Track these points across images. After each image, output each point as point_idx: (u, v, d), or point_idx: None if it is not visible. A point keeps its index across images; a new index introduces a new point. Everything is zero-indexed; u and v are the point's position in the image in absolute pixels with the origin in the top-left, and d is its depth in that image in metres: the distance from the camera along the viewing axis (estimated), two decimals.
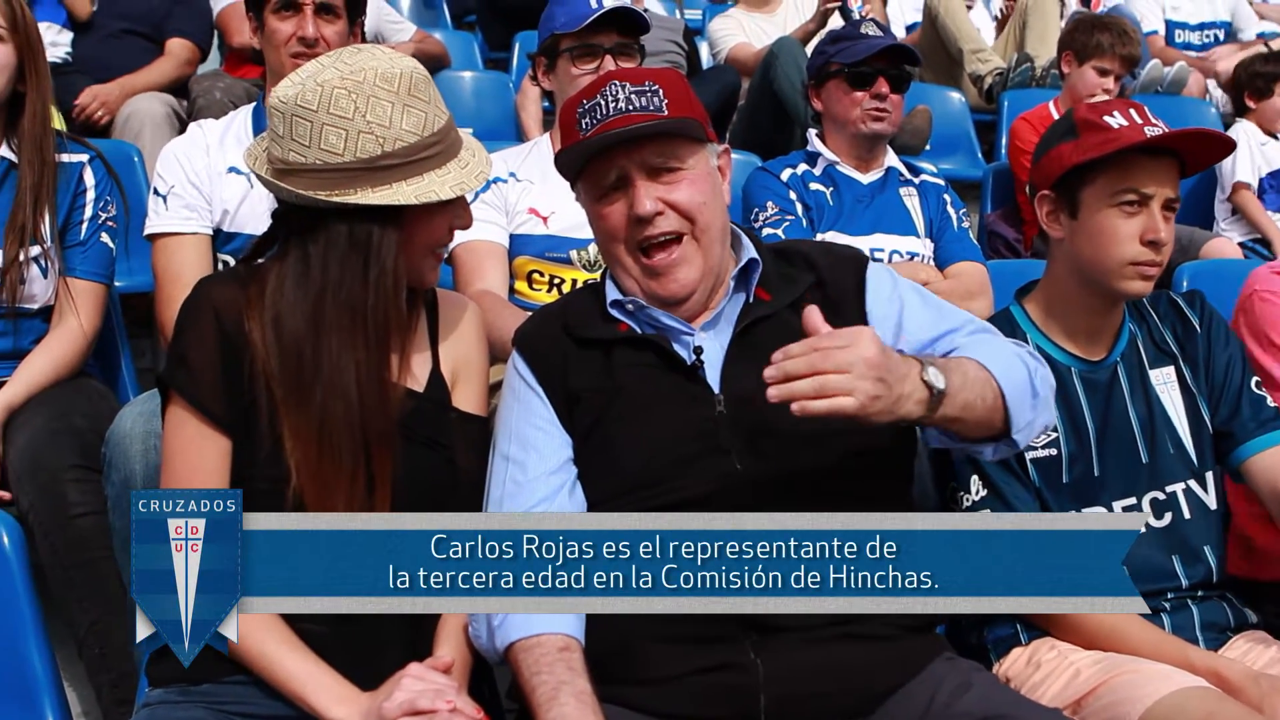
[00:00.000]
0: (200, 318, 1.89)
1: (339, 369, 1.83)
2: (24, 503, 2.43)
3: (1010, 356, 1.87)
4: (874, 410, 1.62)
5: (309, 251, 1.85)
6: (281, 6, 2.78)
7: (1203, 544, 2.22)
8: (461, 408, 2.02)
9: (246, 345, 1.86)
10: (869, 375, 1.60)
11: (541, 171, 2.91)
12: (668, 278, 1.92)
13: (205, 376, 1.87)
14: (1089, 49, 4.75)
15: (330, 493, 1.81)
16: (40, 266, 2.66)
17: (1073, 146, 2.18)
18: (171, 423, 1.90)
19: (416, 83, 1.85)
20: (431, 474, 1.93)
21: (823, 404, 1.59)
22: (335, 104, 1.80)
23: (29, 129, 2.64)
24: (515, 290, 2.89)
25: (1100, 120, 2.15)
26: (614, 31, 2.95)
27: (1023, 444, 1.85)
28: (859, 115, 3.40)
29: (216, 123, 2.86)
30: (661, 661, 1.79)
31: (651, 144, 1.90)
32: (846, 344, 1.62)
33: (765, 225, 3.22)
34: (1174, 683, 1.91)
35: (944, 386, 1.71)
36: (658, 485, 1.85)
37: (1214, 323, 2.29)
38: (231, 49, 4.78)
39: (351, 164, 1.80)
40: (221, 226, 2.73)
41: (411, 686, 1.71)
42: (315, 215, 1.85)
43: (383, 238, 1.84)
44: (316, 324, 1.84)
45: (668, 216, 1.90)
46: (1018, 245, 4.65)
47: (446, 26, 6.40)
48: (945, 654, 1.89)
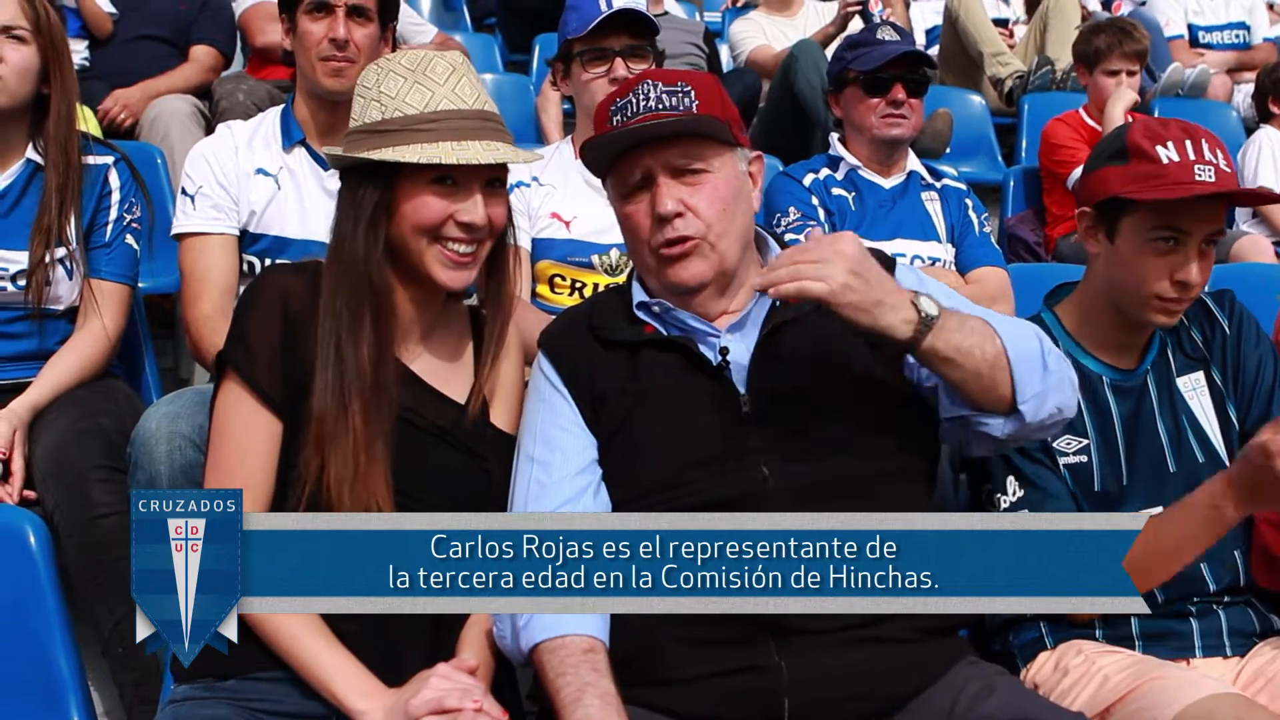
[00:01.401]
0: (265, 301, 1.94)
1: (351, 334, 1.89)
2: (49, 503, 2.43)
3: (1023, 328, 1.88)
4: (847, 300, 1.71)
5: (337, 220, 1.97)
6: (314, 8, 2.78)
7: (1231, 549, 2.20)
8: (496, 425, 2.04)
9: (309, 331, 1.90)
10: (843, 266, 1.71)
11: (563, 176, 2.92)
12: (680, 265, 1.92)
13: (263, 358, 1.90)
14: (1090, 56, 4.80)
15: (336, 454, 1.84)
16: (66, 268, 2.67)
17: (1120, 173, 2.12)
18: (225, 400, 1.93)
19: (437, 68, 1.92)
20: (465, 481, 1.96)
21: (792, 285, 1.70)
22: (366, 78, 1.97)
23: (54, 131, 2.64)
24: (537, 294, 2.90)
25: (1152, 151, 2.09)
26: (624, 34, 2.95)
27: (1030, 418, 1.83)
28: (876, 122, 3.41)
29: (245, 124, 2.87)
30: (685, 663, 1.79)
31: (677, 145, 1.90)
32: (829, 242, 1.74)
33: (788, 230, 3.22)
34: (1202, 689, 1.90)
35: (935, 314, 1.75)
36: (683, 487, 1.85)
37: (1244, 322, 2.27)
38: (254, 50, 4.79)
39: (359, 128, 1.94)
40: (248, 228, 2.74)
41: (439, 685, 1.72)
42: (342, 183, 1.97)
43: (365, 194, 1.92)
44: (331, 290, 1.91)
45: (687, 219, 1.90)
46: (1039, 249, 4.64)
47: (467, 29, 6.43)
48: (969, 658, 1.89)
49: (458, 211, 1.92)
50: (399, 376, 1.93)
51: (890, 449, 1.88)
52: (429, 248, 1.93)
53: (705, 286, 1.94)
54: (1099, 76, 4.76)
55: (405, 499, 1.87)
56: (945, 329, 1.76)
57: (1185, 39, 6.29)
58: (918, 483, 1.96)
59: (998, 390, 1.81)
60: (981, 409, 1.84)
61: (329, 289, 1.91)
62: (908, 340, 1.75)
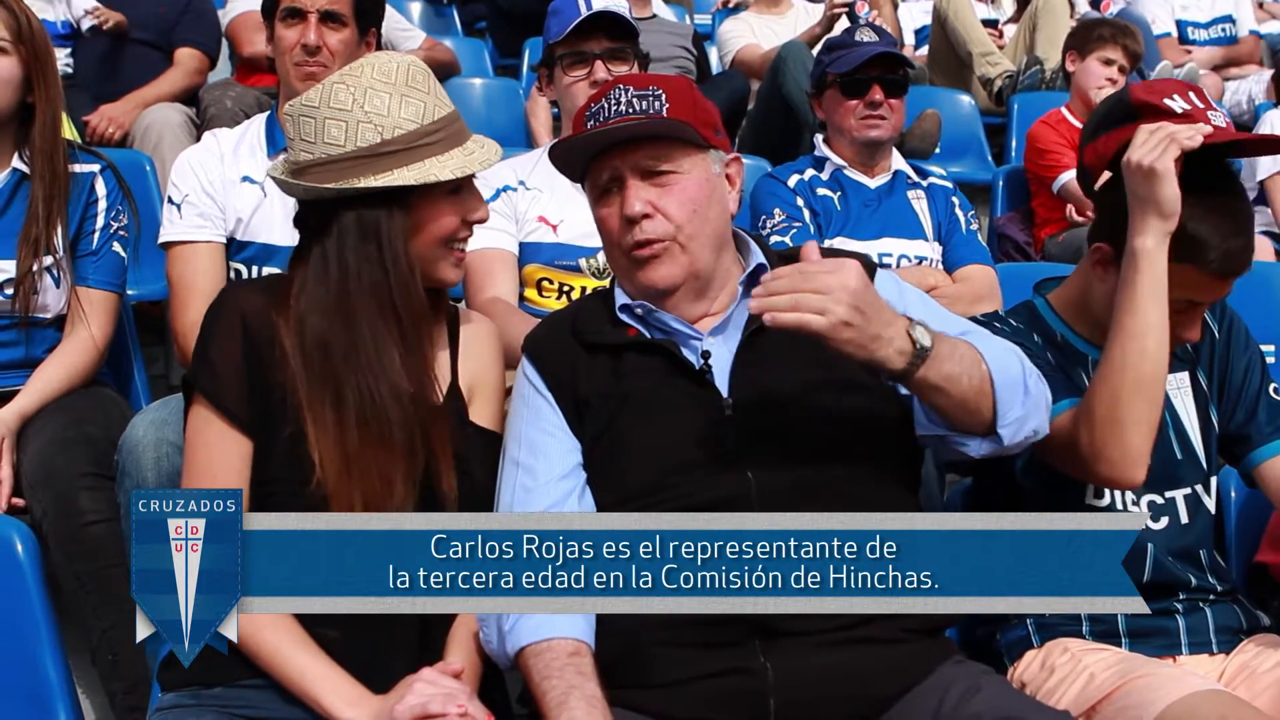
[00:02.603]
0: (226, 322, 1.93)
1: (378, 352, 1.86)
2: (37, 510, 2.43)
3: (1007, 353, 1.88)
4: (844, 337, 1.68)
5: (326, 248, 1.90)
6: (287, 14, 2.79)
7: (1199, 548, 2.22)
8: (477, 423, 2.04)
9: (272, 350, 1.89)
10: (845, 301, 1.66)
11: (550, 180, 2.92)
12: (649, 267, 1.93)
13: (229, 379, 1.90)
14: (1090, 42, 4.80)
15: (384, 478, 1.83)
16: (53, 276, 2.67)
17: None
18: (194, 424, 1.93)
19: (414, 75, 1.90)
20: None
21: (792, 316, 1.66)
22: (335, 98, 1.86)
23: (40, 141, 2.63)
24: (525, 298, 2.90)
25: (1161, 104, 2.09)
26: (603, 37, 2.94)
27: (1008, 441, 1.86)
28: (854, 123, 3.41)
29: (230, 132, 2.87)
30: (671, 666, 1.79)
31: (646, 147, 1.91)
32: (831, 270, 1.68)
33: (773, 233, 3.22)
34: (1187, 686, 1.90)
35: (929, 345, 1.74)
36: (666, 490, 1.85)
37: (1233, 328, 2.28)
38: (242, 59, 4.79)
39: (353, 153, 1.85)
40: (235, 235, 2.75)
41: (424, 690, 1.72)
42: (328, 212, 1.89)
43: (390, 223, 1.88)
44: (345, 315, 1.88)
45: (656, 221, 1.91)
46: (1028, 248, 4.65)
47: (457, 34, 6.42)
48: (955, 657, 1.89)
49: (468, 213, 1.96)
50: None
51: (873, 450, 1.88)
52: (443, 254, 1.96)
53: (677, 289, 1.94)
54: (1090, 61, 4.76)
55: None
56: (937, 358, 1.75)
57: (1174, 36, 6.31)
58: (902, 483, 1.97)
59: (980, 415, 1.83)
60: (960, 431, 1.86)
61: (362, 327, 1.87)
62: (900, 371, 1.74)
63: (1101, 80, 4.69)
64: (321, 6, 2.78)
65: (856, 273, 1.69)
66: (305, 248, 1.95)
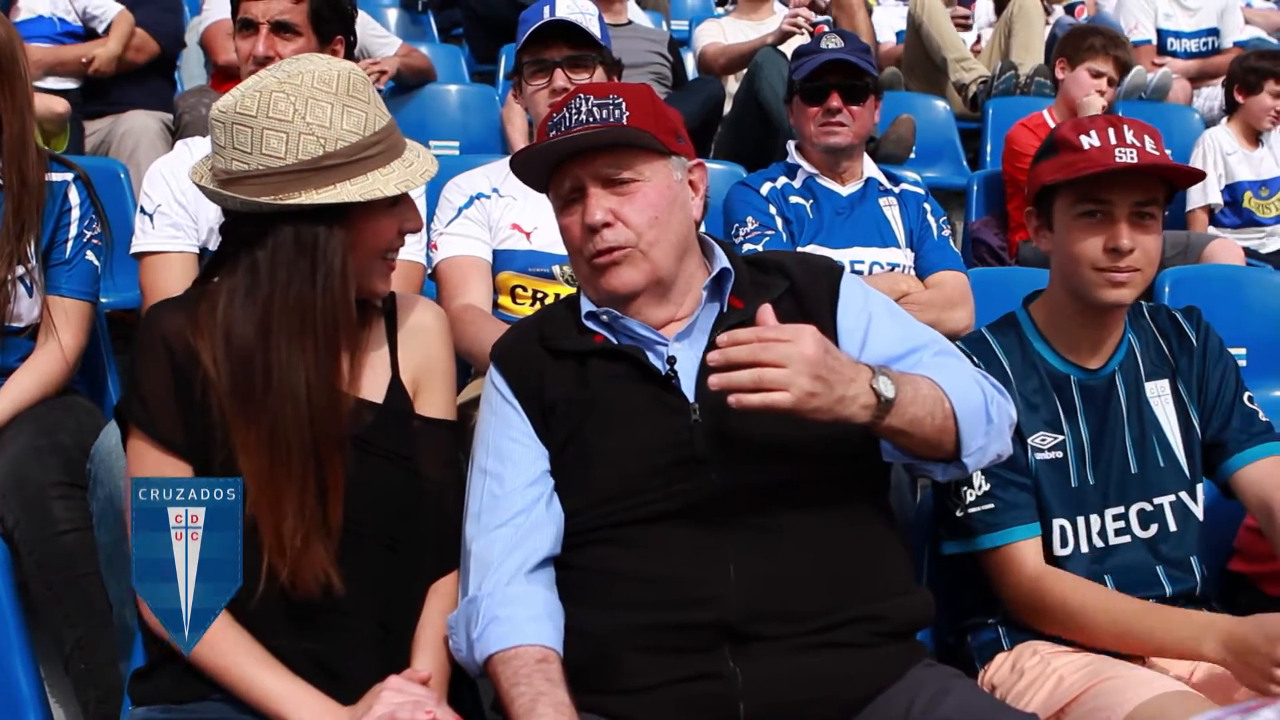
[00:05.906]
0: (151, 348, 1.88)
1: (288, 372, 1.80)
2: (9, 520, 2.43)
3: (969, 381, 1.90)
4: (811, 407, 1.67)
5: (257, 260, 1.82)
6: (241, 26, 2.80)
7: (1189, 555, 2.24)
8: (426, 413, 2.01)
9: (197, 368, 1.84)
10: (806, 372, 1.65)
11: (524, 188, 2.89)
12: (611, 274, 1.93)
13: (160, 407, 1.86)
14: (1081, 51, 4.82)
15: (281, 501, 1.78)
16: (25, 286, 2.66)
17: (1050, 165, 2.24)
18: (132, 455, 1.90)
19: (355, 84, 1.83)
20: (391, 489, 1.93)
21: (757, 398, 1.65)
22: (274, 108, 1.77)
23: (9, 150, 2.61)
24: (499, 305, 2.90)
25: (1075, 139, 2.18)
26: (564, 45, 2.92)
27: (973, 468, 1.89)
28: (814, 130, 3.41)
29: (203, 140, 2.85)
30: (640, 671, 1.79)
31: (606, 155, 1.92)
32: (789, 338, 1.67)
33: (745, 240, 3.22)
34: (1155, 688, 1.91)
35: (893, 396, 1.74)
36: (634, 496, 1.85)
37: (1209, 338, 2.32)
38: (218, 66, 4.78)
39: (294, 166, 1.78)
40: (208, 245, 2.72)
41: (391, 699, 1.72)
42: (262, 223, 1.82)
43: (329, 239, 1.81)
44: (266, 331, 1.81)
45: (617, 229, 1.92)
46: (1003, 253, 4.67)
47: (433, 40, 6.42)
48: (925, 660, 1.90)
49: (404, 223, 1.93)
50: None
51: (842, 454, 1.88)
52: (378, 266, 1.93)
53: (639, 294, 1.95)
54: (1080, 72, 4.79)
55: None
56: (901, 405, 1.75)
57: (1153, 44, 6.32)
58: (871, 488, 1.97)
59: (944, 449, 1.85)
60: (924, 460, 1.88)
61: (279, 343, 1.81)
62: (866, 423, 1.75)
63: (1090, 91, 4.72)
64: (272, 17, 2.77)
65: (813, 338, 1.68)
66: (233, 256, 1.87)
